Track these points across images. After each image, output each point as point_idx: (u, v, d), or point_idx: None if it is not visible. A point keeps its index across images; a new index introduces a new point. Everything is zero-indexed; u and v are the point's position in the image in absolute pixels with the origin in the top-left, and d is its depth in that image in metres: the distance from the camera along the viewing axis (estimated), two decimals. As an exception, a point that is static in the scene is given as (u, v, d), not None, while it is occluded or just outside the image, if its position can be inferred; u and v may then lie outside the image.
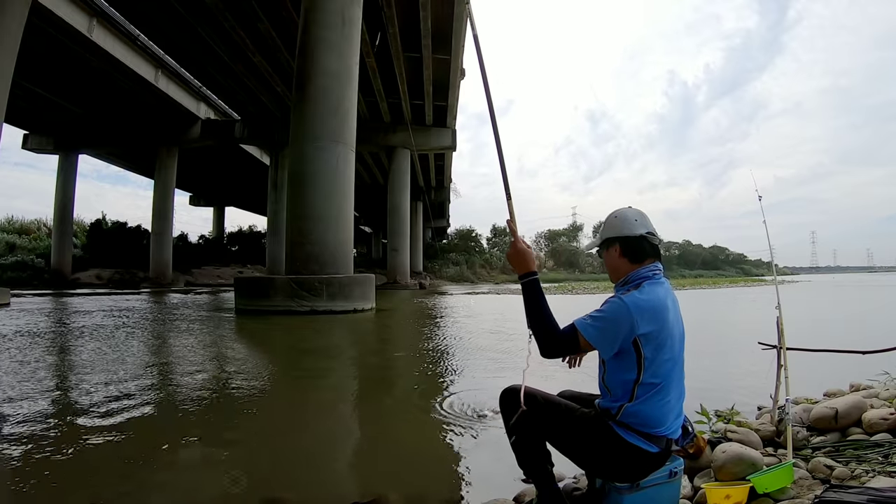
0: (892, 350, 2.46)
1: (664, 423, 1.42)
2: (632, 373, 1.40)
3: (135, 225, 30.40)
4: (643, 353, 1.38)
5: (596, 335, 1.39)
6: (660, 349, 1.39)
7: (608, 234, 1.57)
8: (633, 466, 1.42)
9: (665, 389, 1.41)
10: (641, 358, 1.38)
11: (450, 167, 35.04)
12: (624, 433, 1.40)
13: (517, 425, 1.53)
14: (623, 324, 1.36)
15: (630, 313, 1.36)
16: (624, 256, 1.53)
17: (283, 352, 5.85)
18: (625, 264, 1.53)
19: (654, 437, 1.40)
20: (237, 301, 9.85)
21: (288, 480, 1.97)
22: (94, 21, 16.37)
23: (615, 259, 1.55)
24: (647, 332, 1.37)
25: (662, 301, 1.42)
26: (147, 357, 4.86)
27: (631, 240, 1.52)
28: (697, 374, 3.94)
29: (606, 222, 1.60)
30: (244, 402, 3.15)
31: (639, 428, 1.40)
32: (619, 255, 1.54)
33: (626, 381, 1.42)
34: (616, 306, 1.39)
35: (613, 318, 1.38)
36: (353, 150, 10.65)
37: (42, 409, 2.84)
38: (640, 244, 1.51)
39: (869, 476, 1.63)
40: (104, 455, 2.19)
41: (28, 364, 4.19)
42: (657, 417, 1.41)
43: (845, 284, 29.41)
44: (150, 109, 22.81)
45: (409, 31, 16.43)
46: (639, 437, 1.40)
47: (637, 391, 1.40)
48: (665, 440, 1.42)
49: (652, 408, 1.40)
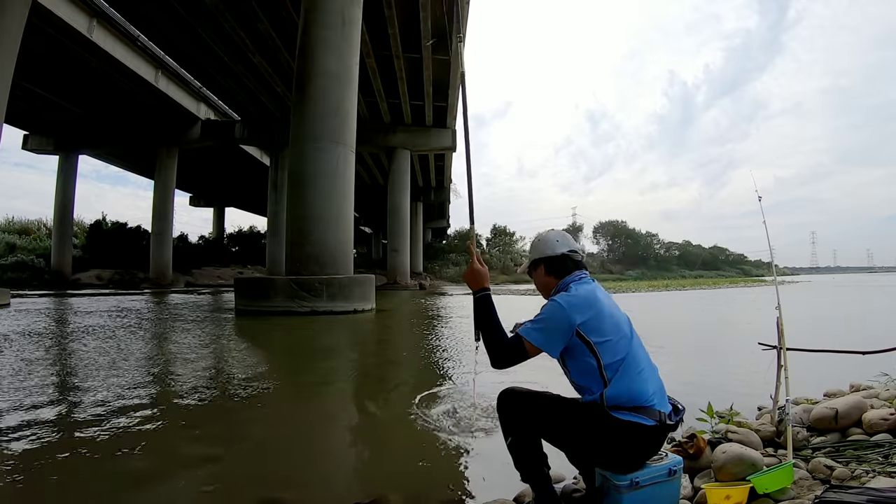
0: (892, 350, 2.46)
1: (647, 393, 1.48)
2: (591, 360, 1.49)
3: (135, 225, 30.44)
4: (590, 340, 1.48)
5: (540, 338, 1.50)
6: (604, 333, 1.49)
7: (533, 255, 1.74)
8: (633, 445, 1.45)
9: (632, 362, 1.50)
10: (591, 345, 1.48)
11: (450, 168, 35.04)
12: (618, 413, 1.44)
13: (514, 424, 1.56)
14: (562, 321, 1.49)
15: (564, 309, 1.50)
16: (549, 274, 1.69)
17: (283, 352, 5.85)
18: (551, 281, 1.69)
19: (646, 410, 1.45)
20: (237, 302, 9.85)
21: (288, 480, 1.97)
22: (94, 21, 16.38)
23: (542, 277, 1.72)
24: (584, 320, 1.49)
25: (591, 293, 1.56)
26: (147, 358, 4.86)
27: (553, 259, 1.68)
28: (697, 374, 3.95)
29: (531, 246, 1.78)
30: (244, 402, 3.15)
31: (627, 404, 1.45)
32: (545, 273, 1.70)
33: (591, 371, 1.49)
34: (551, 307, 1.54)
35: (551, 318, 1.51)
36: (353, 150, 10.65)
37: (42, 410, 2.84)
38: (563, 262, 1.67)
39: (869, 476, 1.63)
40: (103, 455, 2.19)
41: (27, 364, 4.19)
42: (638, 389, 1.47)
43: (845, 285, 29.41)
44: (150, 110, 22.82)
45: (409, 31, 16.44)
46: (631, 413, 1.44)
47: (606, 374, 1.47)
48: (658, 413, 1.46)
49: (629, 382, 1.47)
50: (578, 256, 1.70)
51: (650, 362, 1.57)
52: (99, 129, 24.20)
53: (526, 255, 1.82)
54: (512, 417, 1.58)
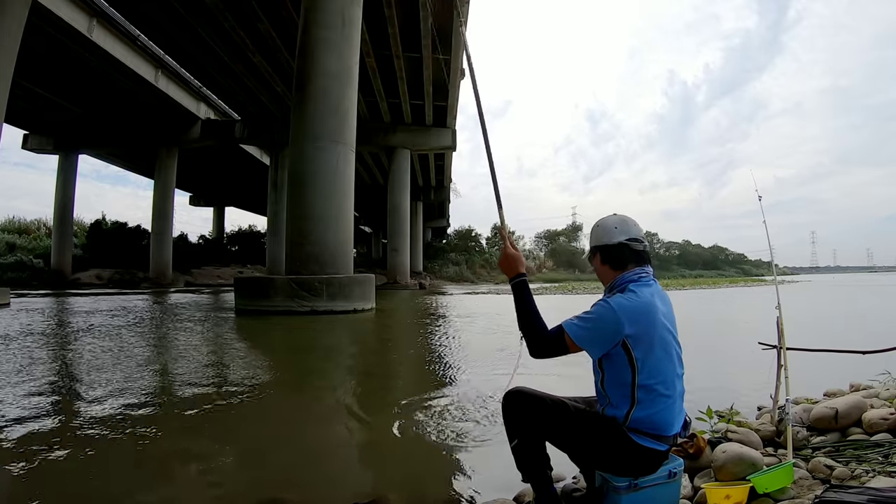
0: (892, 350, 2.46)
1: (670, 423, 1.44)
2: (626, 374, 1.42)
3: (135, 225, 30.45)
4: (634, 355, 1.39)
5: (582, 335, 1.42)
6: (650, 349, 1.41)
7: (591, 243, 1.64)
8: (643, 465, 1.45)
9: (667, 391, 1.42)
10: (633, 359, 1.40)
11: (450, 167, 35.03)
12: (635, 437, 1.42)
13: (520, 425, 1.55)
14: (609, 325, 1.39)
15: (616, 315, 1.39)
16: (605, 264, 1.58)
17: (284, 352, 5.85)
18: (608, 271, 1.58)
19: (664, 438, 1.44)
20: (237, 301, 9.85)
21: (288, 480, 1.97)
22: (94, 21, 16.36)
23: (599, 266, 1.61)
24: (634, 333, 1.39)
25: (649, 301, 1.44)
26: (147, 357, 4.86)
27: (610, 248, 1.56)
28: (697, 374, 3.94)
29: (591, 232, 1.65)
30: (244, 402, 3.15)
31: (649, 431, 1.42)
32: (601, 262, 1.59)
33: (623, 384, 1.43)
34: (601, 308, 1.43)
35: (599, 319, 1.42)
36: (353, 150, 10.65)
37: (42, 409, 2.84)
38: (621, 251, 1.54)
39: (869, 476, 1.63)
40: (103, 454, 2.19)
41: (28, 363, 4.19)
42: (666, 421, 1.43)
43: (846, 284, 29.39)
44: (150, 109, 22.80)
45: (409, 31, 16.44)
46: (650, 440, 1.42)
47: (637, 395, 1.41)
48: (673, 438, 1.46)
49: (658, 412, 1.42)
50: (640, 246, 1.55)
51: (681, 385, 1.50)
52: (99, 129, 24.19)
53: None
54: (519, 420, 1.55)
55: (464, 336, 6.84)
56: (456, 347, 5.76)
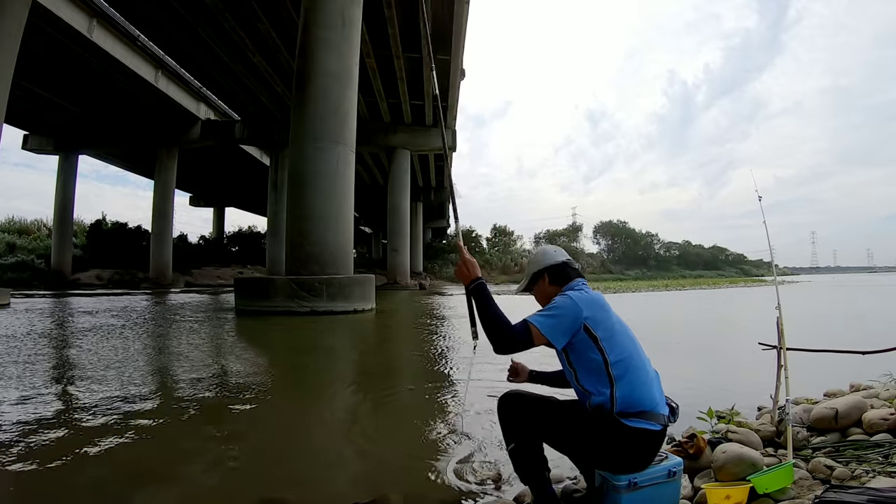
0: (892, 350, 2.46)
1: (653, 398, 1.50)
2: (596, 357, 1.49)
3: (135, 225, 30.46)
4: (597, 335, 1.50)
5: (548, 324, 1.49)
6: (611, 330, 1.52)
7: (534, 268, 1.74)
8: (640, 450, 1.47)
9: (637, 363, 1.52)
10: (597, 340, 1.49)
11: (450, 167, 35.03)
12: (626, 421, 1.45)
13: (517, 428, 1.56)
14: (570, 311, 1.50)
15: (575, 303, 1.52)
16: (553, 284, 1.70)
17: (284, 353, 5.85)
18: (555, 290, 1.68)
19: (652, 415, 1.47)
20: (237, 301, 9.85)
21: (289, 480, 1.97)
22: (94, 21, 16.37)
23: (546, 287, 1.71)
24: (592, 315, 1.51)
25: (598, 296, 1.60)
26: (148, 358, 4.86)
27: (556, 266, 1.70)
28: (698, 374, 3.95)
29: (529, 261, 1.79)
30: (244, 403, 3.15)
31: (636, 409, 1.46)
32: (548, 283, 1.70)
33: (596, 369, 1.50)
34: (563, 299, 1.56)
35: (561, 307, 1.53)
36: (353, 150, 10.65)
37: (42, 410, 2.84)
38: (564, 269, 1.70)
39: (869, 476, 1.63)
40: (104, 454, 2.19)
41: (26, 364, 4.19)
42: (646, 393, 1.49)
43: (847, 285, 29.38)
44: (150, 110, 22.81)
45: (409, 31, 16.44)
46: (639, 420, 1.45)
47: (613, 372, 1.48)
48: (662, 417, 1.49)
49: (637, 387, 1.48)
50: (576, 264, 1.75)
51: (650, 366, 1.58)
52: (99, 129, 24.20)
53: (526, 255, 1.83)
54: (514, 423, 1.57)
55: (463, 337, 6.83)
56: (456, 348, 5.76)
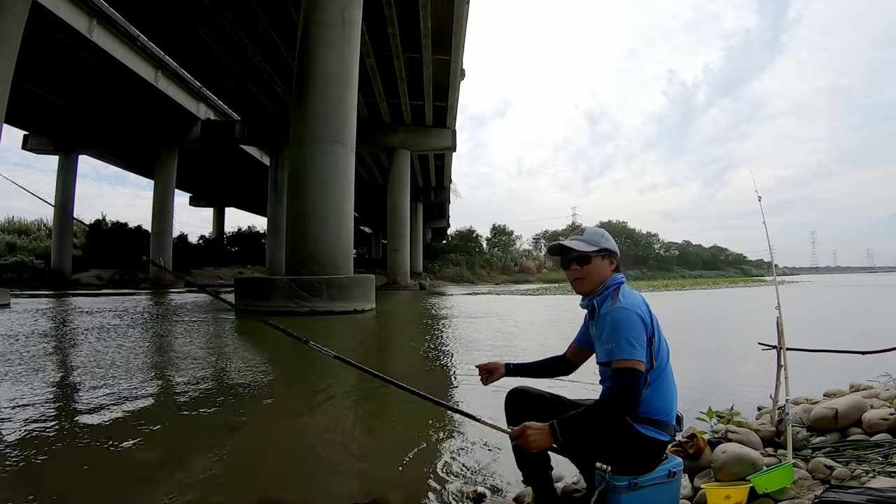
0: (892, 350, 2.47)
1: (672, 409, 1.49)
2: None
3: (135, 225, 30.46)
4: (651, 347, 1.44)
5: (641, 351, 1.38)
6: (659, 338, 1.48)
7: (608, 244, 1.61)
8: (647, 457, 1.46)
9: (667, 373, 1.49)
10: (652, 346, 1.44)
11: (450, 167, 35.03)
12: (640, 427, 1.43)
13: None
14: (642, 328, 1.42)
15: (640, 316, 1.43)
16: (615, 270, 1.62)
17: (283, 353, 5.84)
18: (609, 276, 1.60)
19: (665, 426, 1.46)
20: (237, 302, 9.84)
21: (288, 480, 1.97)
22: (94, 22, 16.38)
23: (605, 269, 1.59)
24: (651, 325, 1.46)
25: (644, 299, 1.54)
26: (148, 359, 4.86)
27: (619, 256, 1.65)
28: (698, 374, 3.95)
29: (603, 236, 1.64)
30: (244, 403, 3.15)
31: (652, 417, 1.44)
32: (611, 269, 1.61)
33: None
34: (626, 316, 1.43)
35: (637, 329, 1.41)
36: (353, 150, 10.66)
37: (43, 411, 2.84)
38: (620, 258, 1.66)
39: (869, 476, 1.63)
40: (104, 455, 2.19)
41: (26, 365, 4.19)
42: (666, 404, 1.47)
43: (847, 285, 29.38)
44: (150, 110, 22.82)
45: (409, 31, 16.44)
46: (653, 429, 1.44)
47: (648, 378, 1.43)
48: (672, 429, 1.49)
49: (661, 395, 1.46)
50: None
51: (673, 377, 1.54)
52: (99, 129, 24.21)
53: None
54: (522, 419, 1.53)
55: (464, 338, 6.83)
56: (457, 349, 5.76)
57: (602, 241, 1.61)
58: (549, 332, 7.39)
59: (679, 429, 1.55)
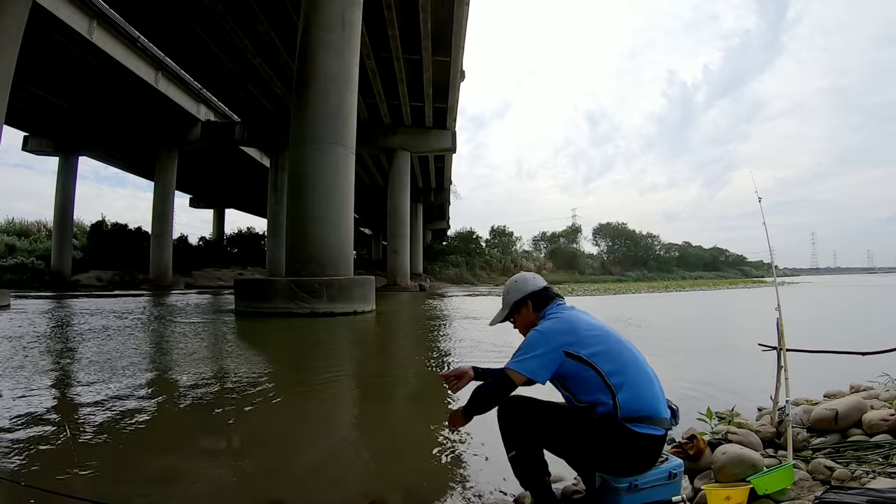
0: (892, 351, 2.46)
1: (657, 402, 1.50)
2: (590, 374, 1.49)
3: (135, 227, 30.42)
4: (580, 355, 1.51)
5: (528, 367, 1.52)
6: (595, 344, 1.52)
7: (515, 297, 1.75)
8: (645, 454, 1.47)
9: (635, 370, 1.52)
10: (584, 359, 1.50)
11: (450, 169, 35.05)
12: (632, 426, 1.44)
13: (517, 436, 1.55)
14: (544, 347, 1.53)
15: (545, 335, 1.55)
16: (535, 310, 1.72)
17: (284, 355, 5.84)
18: (536, 316, 1.71)
19: (657, 420, 1.48)
20: (237, 303, 9.84)
21: (289, 481, 1.97)
22: (94, 23, 16.39)
23: (529, 314, 1.73)
24: (567, 340, 1.53)
25: (569, 314, 1.63)
26: (149, 360, 4.86)
27: (537, 293, 1.73)
28: (698, 374, 3.94)
29: (510, 289, 1.78)
30: (244, 404, 3.15)
31: (642, 414, 1.46)
32: (532, 310, 1.72)
33: (594, 383, 1.49)
34: (532, 335, 1.59)
35: (535, 345, 1.55)
36: (353, 151, 10.66)
37: (43, 411, 2.84)
38: (545, 294, 1.73)
39: (869, 477, 1.63)
40: (105, 455, 2.18)
41: (27, 366, 4.19)
42: (649, 397, 1.49)
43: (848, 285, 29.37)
44: (150, 111, 22.83)
45: (408, 32, 16.46)
46: (646, 426, 1.46)
47: (611, 381, 1.47)
48: (666, 421, 1.50)
49: (638, 390, 1.48)
50: (556, 289, 1.78)
51: (649, 369, 1.58)
52: (99, 131, 24.22)
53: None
54: (516, 429, 1.55)
55: (463, 338, 6.83)
56: (457, 351, 5.76)
57: (510, 297, 1.77)
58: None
59: (675, 422, 1.55)
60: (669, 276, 57.29)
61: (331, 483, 2.05)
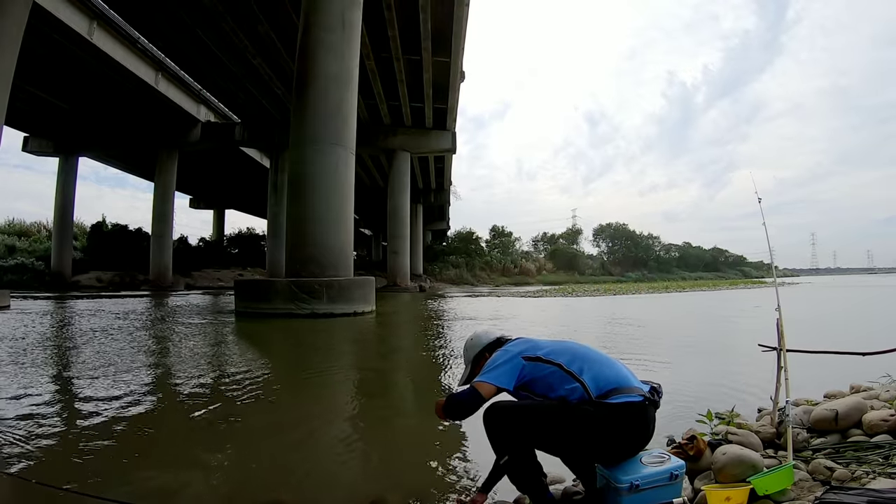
0: (892, 351, 2.46)
1: (621, 375, 1.59)
2: (550, 370, 1.60)
3: (135, 227, 30.43)
4: (538, 356, 1.64)
5: (494, 375, 1.62)
6: (550, 348, 1.67)
7: (474, 352, 1.86)
8: (632, 423, 1.50)
9: (592, 355, 1.66)
10: (541, 358, 1.63)
11: (450, 170, 35.07)
12: (609, 400, 1.51)
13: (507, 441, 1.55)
14: (506, 357, 1.66)
15: (506, 349, 1.71)
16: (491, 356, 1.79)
17: (284, 355, 5.84)
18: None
19: (629, 389, 1.54)
20: (237, 304, 9.84)
21: (288, 482, 1.97)
22: (94, 24, 16.41)
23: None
24: (525, 349, 1.67)
25: (525, 338, 1.79)
26: (149, 361, 4.85)
27: (492, 344, 1.84)
28: (698, 375, 3.94)
29: (467, 348, 1.91)
30: (244, 405, 3.15)
31: (611, 387, 1.54)
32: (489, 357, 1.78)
33: (558, 376, 1.59)
34: (496, 355, 1.72)
35: (497, 359, 1.68)
36: (353, 152, 10.67)
37: (43, 412, 2.84)
38: (498, 342, 1.84)
39: (869, 477, 1.63)
40: (105, 455, 2.18)
41: (27, 366, 4.19)
42: (613, 374, 1.58)
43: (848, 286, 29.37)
44: (151, 112, 22.85)
45: (408, 33, 16.48)
46: (619, 395, 1.51)
47: (573, 369, 1.59)
48: (638, 389, 1.55)
49: (600, 369, 1.60)
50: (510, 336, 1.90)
51: (615, 363, 1.68)
52: (99, 132, 24.24)
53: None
54: (504, 435, 1.54)
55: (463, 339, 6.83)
56: (457, 351, 5.75)
57: (469, 354, 1.89)
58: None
59: (657, 395, 1.59)
60: (669, 276, 57.27)
61: (331, 483, 2.05)
